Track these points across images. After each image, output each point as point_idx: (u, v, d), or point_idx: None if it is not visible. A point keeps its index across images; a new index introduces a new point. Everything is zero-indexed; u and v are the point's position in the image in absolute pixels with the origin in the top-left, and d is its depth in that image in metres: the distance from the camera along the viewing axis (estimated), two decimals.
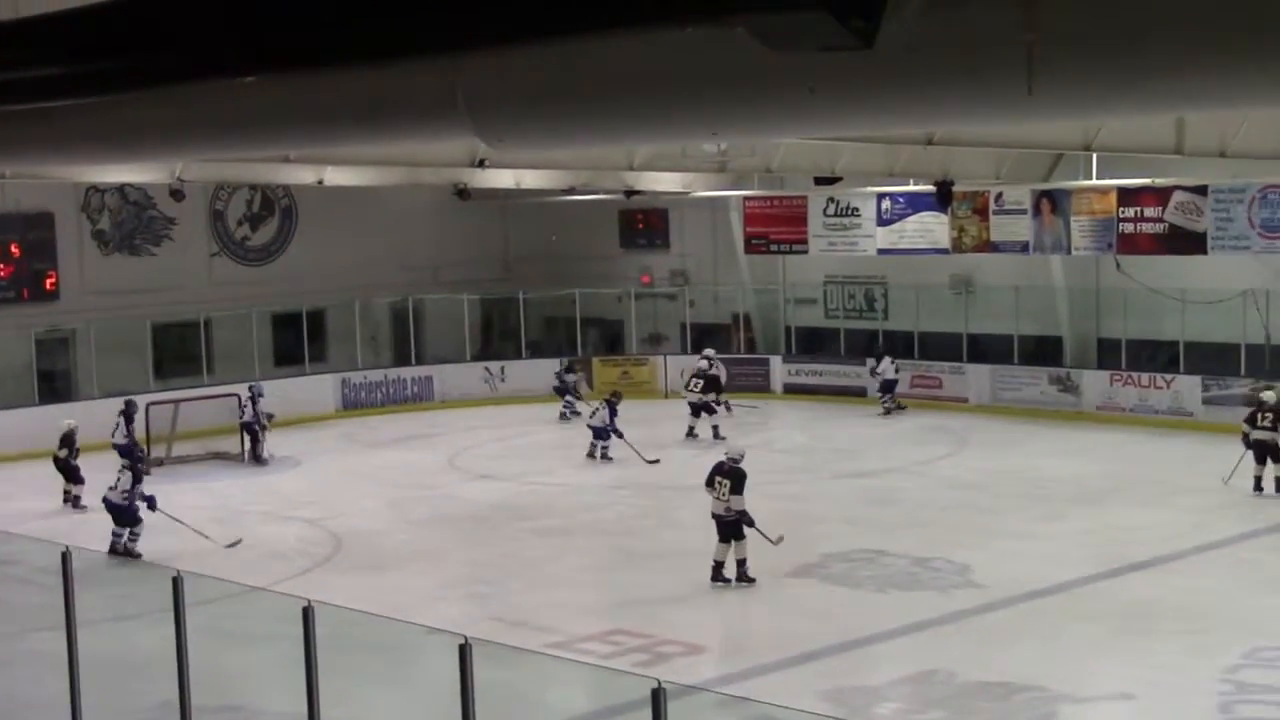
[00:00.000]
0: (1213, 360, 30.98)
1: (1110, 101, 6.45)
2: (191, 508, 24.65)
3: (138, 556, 20.89)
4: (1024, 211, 32.31)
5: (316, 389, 34.82)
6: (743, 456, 19.56)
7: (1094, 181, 29.99)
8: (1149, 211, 30.31)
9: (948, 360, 33.96)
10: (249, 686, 15.04)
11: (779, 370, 36.87)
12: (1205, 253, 29.72)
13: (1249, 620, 16.74)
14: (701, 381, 30.41)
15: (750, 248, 37.91)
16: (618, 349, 39.15)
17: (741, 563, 18.88)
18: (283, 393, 29.86)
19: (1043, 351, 33.76)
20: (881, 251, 35.04)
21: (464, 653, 9.65)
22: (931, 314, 34.85)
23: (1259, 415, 23.52)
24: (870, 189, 33.95)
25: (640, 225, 41.07)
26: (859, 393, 34.53)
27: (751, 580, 18.83)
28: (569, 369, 35.24)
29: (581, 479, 26.71)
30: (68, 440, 25.64)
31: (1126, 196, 30.48)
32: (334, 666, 11.36)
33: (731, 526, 18.88)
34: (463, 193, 30.17)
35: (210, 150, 12.88)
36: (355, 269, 37.26)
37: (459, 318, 38.15)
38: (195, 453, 28.83)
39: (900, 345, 34.84)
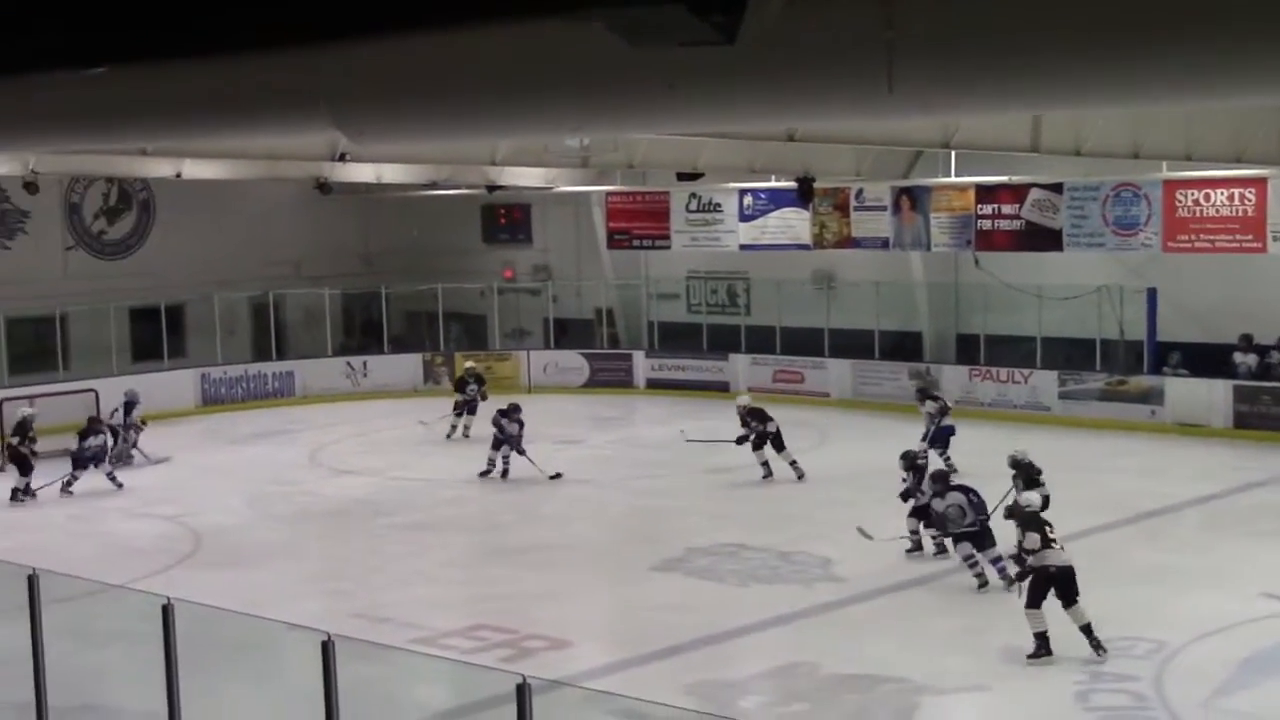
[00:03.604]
0: (1068, 355, 31.50)
1: (968, 100, 6.51)
2: (48, 504, 24.39)
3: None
4: (884, 208, 32.62)
5: (176, 385, 34.36)
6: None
7: (952, 179, 30.44)
8: (1006, 209, 30.70)
9: (809, 355, 34.20)
10: (107, 686, 14.83)
11: (641, 365, 36.96)
12: (1061, 249, 30.18)
13: (1117, 612, 16.98)
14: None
15: (613, 243, 37.94)
16: (480, 344, 39.01)
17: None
18: (142, 388, 29.41)
19: (903, 346, 34.12)
20: (743, 247, 35.21)
21: (327, 649, 9.60)
22: (793, 309, 35.08)
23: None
24: (732, 185, 34.17)
25: (503, 220, 41.01)
26: (721, 387, 34.64)
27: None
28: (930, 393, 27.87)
29: (443, 474, 26.55)
30: (22, 428, 25.63)
31: (984, 194, 30.87)
32: (195, 664, 11.25)
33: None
34: (324, 186, 29.97)
35: (62, 143, 12.64)
36: (215, 263, 36.77)
37: (320, 312, 37.87)
38: (51, 449, 28.29)
39: (762, 340, 35.03)
